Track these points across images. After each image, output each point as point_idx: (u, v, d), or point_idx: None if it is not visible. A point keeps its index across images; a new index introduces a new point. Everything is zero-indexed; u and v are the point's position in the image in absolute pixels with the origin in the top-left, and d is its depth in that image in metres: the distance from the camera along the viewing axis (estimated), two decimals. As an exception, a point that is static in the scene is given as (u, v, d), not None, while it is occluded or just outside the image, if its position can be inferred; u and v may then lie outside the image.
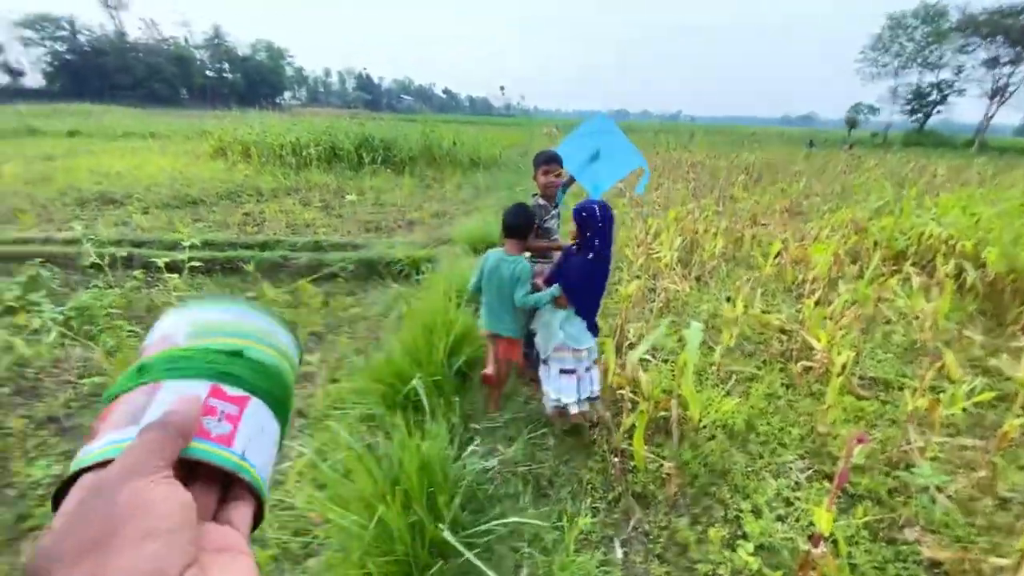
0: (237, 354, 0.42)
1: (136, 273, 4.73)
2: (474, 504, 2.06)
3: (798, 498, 2.30)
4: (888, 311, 4.45)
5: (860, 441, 1.44)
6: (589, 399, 2.56)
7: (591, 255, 2.39)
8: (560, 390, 2.48)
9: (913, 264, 5.55)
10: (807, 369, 3.42)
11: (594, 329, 2.53)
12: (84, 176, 9.61)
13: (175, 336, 0.43)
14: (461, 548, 1.56)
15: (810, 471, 2.49)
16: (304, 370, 3.33)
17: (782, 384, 3.30)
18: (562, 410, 2.53)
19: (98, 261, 4.72)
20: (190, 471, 0.36)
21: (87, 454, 0.34)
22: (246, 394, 0.41)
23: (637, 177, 3.38)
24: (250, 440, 0.39)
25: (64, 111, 33.97)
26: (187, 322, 0.45)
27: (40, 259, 4.93)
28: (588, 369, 2.54)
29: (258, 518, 0.40)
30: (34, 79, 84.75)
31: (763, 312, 4.29)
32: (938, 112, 50.95)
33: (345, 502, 1.69)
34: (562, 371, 2.48)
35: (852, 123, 57.71)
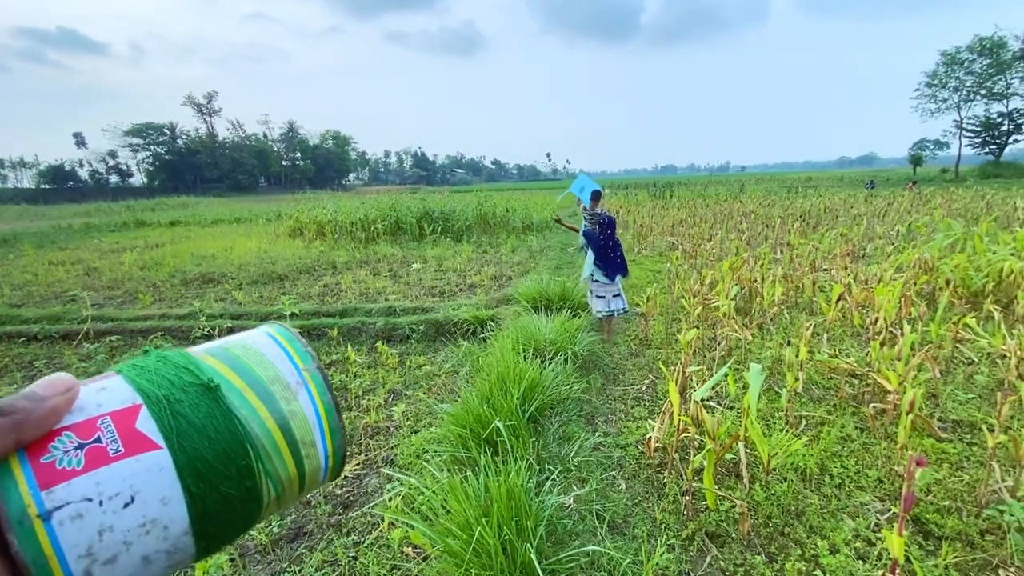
0: (207, 388, 0.32)
1: (238, 341, 5.37)
2: (555, 536, 2.22)
3: (879, 539, 2.28)
4: (969, 351, 4.28)
5: (919, 464, 1.54)
6: (619, 312, 5.02)
7: (600, 236, 4.97)
8: (595, 306, 5.04)
9: (995, 302, 5.32)
10: (881, 412, 3.37)
11: (614, 274, 4.95)
12: (187, 259, 10.93)
13: (215, 341, 0.37)
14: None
15: (891, 512, 2.46)
16: (387, 424, 3.65)
17: (855, 427, 3.26)
18: (600, 318, 5.07)
19: (208, 332, 5.41)
20: None
21: None
22: (159, 443, 0.29)
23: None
24: (90, 504, 0.26)
25: (165, 204, 38.87)
26: (242, 336, 0.37)
27: (160, 332, 5.70)
28: (615, 296, 4.98)
29: None
30: (137, 178, 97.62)
31: (830, 356, 4.25)
32: (1015, 142, 48.04)
33: (446, 528, 1.92)
34: (596, 296, 5.04)
35: (917, 160, 55.18)
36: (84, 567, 0.26)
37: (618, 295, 4.96)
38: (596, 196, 5.41)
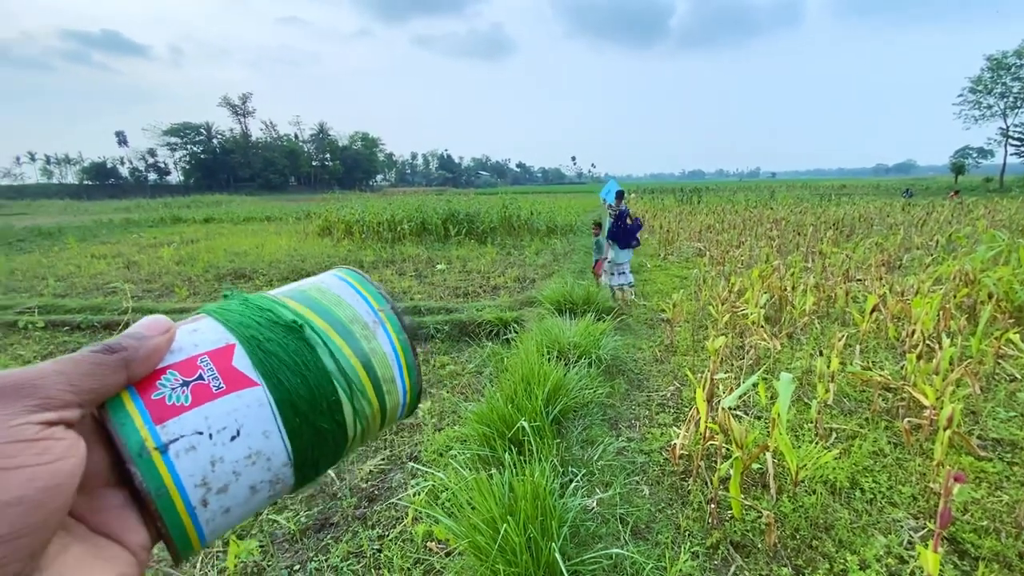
0: (291, 328, 0.33)
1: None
2: (578, 538, 2.22)
3: (912, 556, 2.22)
4: (1012, 368, 4.12)
5: (958, 480, 1.50)
6: (623, 286, 6.57)
7: (619, 225, 6.47)
8: (612, 280, 6.57)
9: (1041, 317, 5.10)
10: (916, 427, 3.26)
11: (627, 245, 6.51)
12: (220, 255, 11.27)
13: (288, 286, 0.37)
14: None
15: (925, 530, 2.39)
16: (411, 421, 3.70)
17: (889, 442, 3.17)
18: (613, 289, 6.55)
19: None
20: None
21: None
22: (256, 380, 0.30)
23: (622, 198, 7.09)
24: (201, 437, 0.28)
25: (200, 201, 40.16)
26: (316, 280, 0.38)
27: (195, 325, 5.89)
28: (623, 273, 6.54)
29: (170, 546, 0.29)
30: (174, 176, 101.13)
31: (863, 368, 4.14)
32: (1064, 151, 45.95)
33: (472, 524, 1.95)
34: (619, 273, 6.55)
35: (959, 168, 53.13)
36: (201, 495, 0.28)
37: (625, 273, 6.60)
38: (619, 195, 6.96)
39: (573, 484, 2.49)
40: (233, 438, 0.29)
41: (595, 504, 2.48)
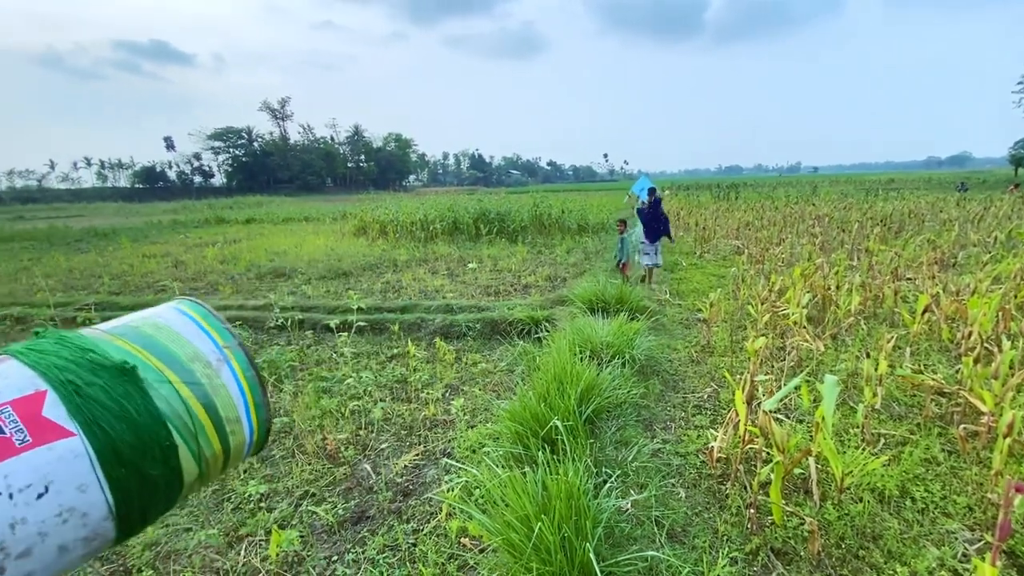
0: (119, 369, 0.29)
1: (308, 333, 5.70)
2: (612, 539, 2.20)
3: (967, 570, 2.10)
4: (1080, 373, 3.84)
5: (1018, 491, 1.41)
6: (654, 265, 7.49)
7: (648, 213, 7.51)
8: (642, 262, 7.57)
9: (1113, 319, 4.74)
10: (973, 434, 3.09)
11: (656, 238, 7.34)
12: (261, 254, 11.66)
13: (117, 320, 0.32)
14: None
15: (982, 542, 2.26)
16: (444, 417, 3.75)
17: (942, 449, 3.01)
18: (646, 268, 7.55)
19: (280, 323, 5.77)
20: None
21: None
22: (71, 430, 0.27)
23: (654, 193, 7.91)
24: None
25: (242, 203, 41.65)
26: (152, 314, 0.33)
27: (238, 322, 6.13)
28: (656, 254, 7.41)
29: None
30: (218, 178, 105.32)
31: (914, 371, 3.94)
32: None
33: (506, 521, 1.96)
34: (643, 254, 7.48)
35: (1019, 160, 49.77)
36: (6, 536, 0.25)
37: (654, 254, 7.42)
38: (651, 191, 7.98)
39: (607, 485, 2.47)
40: (40, 496, 0.26)
41: (629, 506, 2.45)
